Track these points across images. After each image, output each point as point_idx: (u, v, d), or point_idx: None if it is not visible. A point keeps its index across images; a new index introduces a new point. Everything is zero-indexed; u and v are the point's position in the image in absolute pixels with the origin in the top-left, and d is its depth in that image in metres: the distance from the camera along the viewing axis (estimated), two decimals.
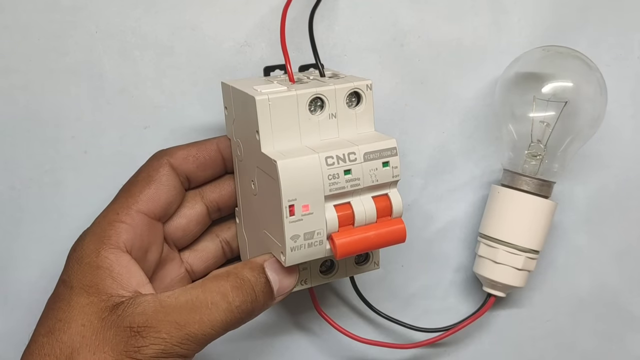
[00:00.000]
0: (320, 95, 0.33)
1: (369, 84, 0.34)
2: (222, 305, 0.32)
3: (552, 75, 0.41)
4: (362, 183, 0.33)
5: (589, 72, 0.41)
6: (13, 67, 0.40)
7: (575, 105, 0.40)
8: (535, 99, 0.40)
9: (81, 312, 0.32)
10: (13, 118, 0.41)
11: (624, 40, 0.44)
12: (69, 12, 0.40)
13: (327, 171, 0.32)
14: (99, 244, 0.34)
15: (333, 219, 0.33)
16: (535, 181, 0.40)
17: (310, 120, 0.34)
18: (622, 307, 0.40)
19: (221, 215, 0.40)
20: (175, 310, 0.32)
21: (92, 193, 0.40)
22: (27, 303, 0.41)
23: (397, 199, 0.34)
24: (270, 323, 0.44)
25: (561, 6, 0.44)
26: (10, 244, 0.41)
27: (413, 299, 0.45)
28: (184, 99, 0.42)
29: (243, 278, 0.33)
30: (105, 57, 0.41)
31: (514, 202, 0.40)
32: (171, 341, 0.31)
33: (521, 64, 0.42)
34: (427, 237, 0.44)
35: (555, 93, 0.40)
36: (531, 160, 0.41)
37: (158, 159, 0.37)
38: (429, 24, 0.43)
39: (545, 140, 0.41)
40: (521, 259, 0.40)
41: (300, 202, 0.32)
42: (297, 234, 0.32)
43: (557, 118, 0.40)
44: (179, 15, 0.41)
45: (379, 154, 0.33)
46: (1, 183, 0.41)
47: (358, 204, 0.33)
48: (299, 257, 0.33)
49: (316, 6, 0.39)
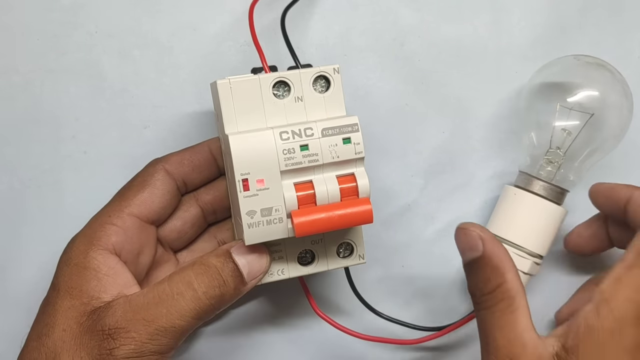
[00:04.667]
0: (284, 78, 0.34)
1: (336, 67, 0.34)
2: (187, 294, 0.32)
3: (579, 84, 0.40)
4: (322, 159, 0.33)
5: (616, 84, 0.40)
6: (13, 67, 0.40)
7: (600, 118, 0.40)
8: (559, 106, 0.40)
9: (63, 316, 0.33)
10: (13, 118, 0.41)
11: (624, 40, 0.44)
12: (68, 12, 0.40)
13: (282, 146, 0.32)
14: (88, 245, 0.34)
15: (292, 196, 0.32)
16: (552, 187, 0.40)
17: (275, 104, 0.34)
18: None
19: (217, 218, 0.40)
20: (143, 307, 0.32)
21: (91, 193, 0.40)
22: (26, 303, 0.41)
23: (363, 178, 0.33)
24: (270, 324, 0.44)
25: (561, 6, 0.44)
26: (9, 244, 0.41)
27: (413, 299, 0.45)
28: (184, 99, 0.42)
29: (207, 264, 0.33)
30: (105, 57, 0.41)
31: (529, 206, 0.40)
32: (140, 339, 0.31)
33: (548, 73, 0.41)
34: (427, 237, 0.44)
35: (581, 103, 0.40)
36: (547, 166, 0.41)
37: (153, 165, 0.38)
38: (429, 24, 0.43)
39: (565, 148, 0.40)
40: (529, 262, 0.40)
41: (254, 177, 0.32)
42: (253, 209, 0.32)
43: (580, 128, 0.40)
44: (179, 15, 0.41)
45: (338, 130, 0.33)
46: (1, 183, 0.41)
47: (320, 182, 0.33)
48: (259, 235, 0.33)
49: (292, 4, 0.39)
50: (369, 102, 0.43)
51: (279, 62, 0.37)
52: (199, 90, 0.41)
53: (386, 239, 0.44)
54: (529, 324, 0.34)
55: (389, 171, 0.44)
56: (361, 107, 0.43)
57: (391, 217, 0.44)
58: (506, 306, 0.34)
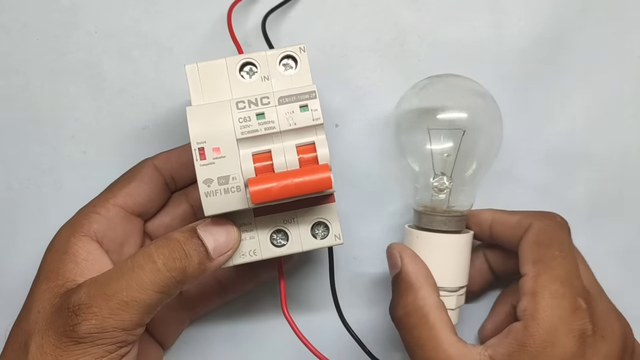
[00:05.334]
0: (251, 59, 0.34)
1: (302, 46, 0.34)
2: (147, 267, 0.32)
3: (445, 106, 0.39)
4: (278, 127, 0.33)
5: (480, 101, 0.40)
6: (13, 67, 0.40)
7: (473, 132, 0.39)
8: (430, 130, 0.39)
9: (39, 298, 0.33)
10: (13, 118, 0.41)
11: (624, 40, 0.44)
12: (68, 12, 0.40)
13: (237, 114, 0.32)
14: (71, 232, 0.35)
15: (248, 164, 0.32)
16: (450, 218, 0.38)
17: (242, 83, 0.34)
18: (623, 307, 0.40)
19: None
20: (105, 283, 0.32)
21: (91, 193, 0.40)
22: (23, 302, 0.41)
23: (323, 148, 0.33)
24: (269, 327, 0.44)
25: (561, 6, 0.44)
26: (9, 244, 0.41)
27: None
28: (183, 99, 0.42)
29: (170, 238, 0.33)
30: (105, 57, 0.41)
31: (437, 245, 0.38)
32: (101, 314, 0.31)
33: (410, 100, 0.41)
34: None
35: (450, 122, 0.39)
36: (438, 194, 0.39)
37: (142, 162, 0.38)
38: (429, 24, 0.43)
39: (450, 171, 0.39)
40: (453, 299, 0.38)
41: (210, 145, 0.32)
42: (209, 177, 0.32)
43: (458, 147, 0.38)
44: (178, 15, 0.41)
45: (295, 98, 0.33)
46: (0, 183, 0.41)
47: (279, 152, 0.33)
48: (218, 204, 0.32)
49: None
50: (369, 102, 0.43)
51: None
52: None
53: (386, 239, 0.44)
54: (451, 337, 0.34)
55: (389, 171, 0.44)
56: (361, 107, 0.43)
57: (391, 216, 0.44)
58: (422, 323, 0.34)
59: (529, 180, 0.43)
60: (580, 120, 0.44)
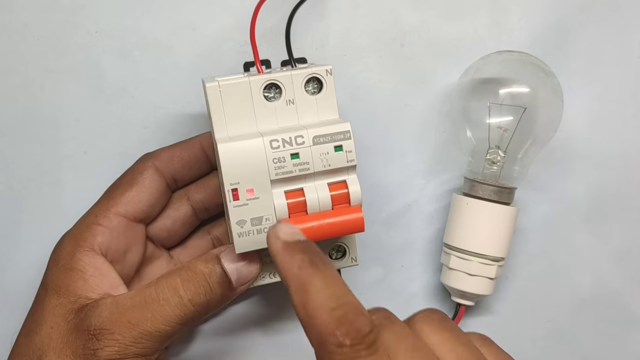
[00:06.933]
0: (275, 81, 0.33)
1: (329, 69, 0.33)
2: (173, 300, 0.32)
3: (508, 80, 0.40)
4: (313, 168, 0.32)
5: (544, 78, 0.40)
6: (13, 67, 0.40)
7: (533, 111, 0.39)
8: (491, 104, 0.39)
9: (51, 313, 0.33)
10: (13, 118, 0.41)
11: (624, 40, 0.44)
12: (68, 12, 0.40)
13: (272, 154, 0.32)
14: (75, 246, 0.35)
15: (282, 205, 0.32)
16: (500, 189, 0.40)
17: (266, 107, 0.33)
18: (623, 307, 0.40)
19: (210, 214, 0.40)
20: (129, 310, 0.32)
21: (91, 193, 0.40)
22: (26, 304, 0.41)
23: (355, 185, 0.33)
24: (260, 327, 0.44)
25: (561, 6, 0.44)
26: (9, 244, 0.41)
27: (413, 299, 0.44)
28: (183, 99, 0.42)
29: (195, 270, 0.33)
30: (105, 57, 0.41)
31: (484, 213, 0.39)
32: (124, 341, 0.31)
33: (475, 70, 0.41)
34: (427, 237, 0.44)
35: (512, 98, 0.39)
36: (491, 166, 0.40)
37: (143, 162, 0.37)
38: (429, 24, 0.43)
39: (505, 146, 0.40)
40: (494, 268, 0.40)
41: (244, 186, 0.31)
42: (243, 219, 0.32)
43: (516, 124, 0.39)
44: (178, 15, 0.41)
45: (330, 138, 0.32)
46: (0, 183, 0.41)
47: (311, 190, 0.32)
48: (249, 244, 0.32)
49: (300, 3, 0.38)
50: (369, 102, 0.43)
51: (279, 59, 0.37)
52: (199, 90, 0.41)
53: (386, 239, 0.44)
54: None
55: (389, 171, 0.44)
56: (361, 107, 0.43)
57: (391, 217, 0.44)
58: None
59: (528, 180, 0.43)
60: (581, 120, 0.44)
